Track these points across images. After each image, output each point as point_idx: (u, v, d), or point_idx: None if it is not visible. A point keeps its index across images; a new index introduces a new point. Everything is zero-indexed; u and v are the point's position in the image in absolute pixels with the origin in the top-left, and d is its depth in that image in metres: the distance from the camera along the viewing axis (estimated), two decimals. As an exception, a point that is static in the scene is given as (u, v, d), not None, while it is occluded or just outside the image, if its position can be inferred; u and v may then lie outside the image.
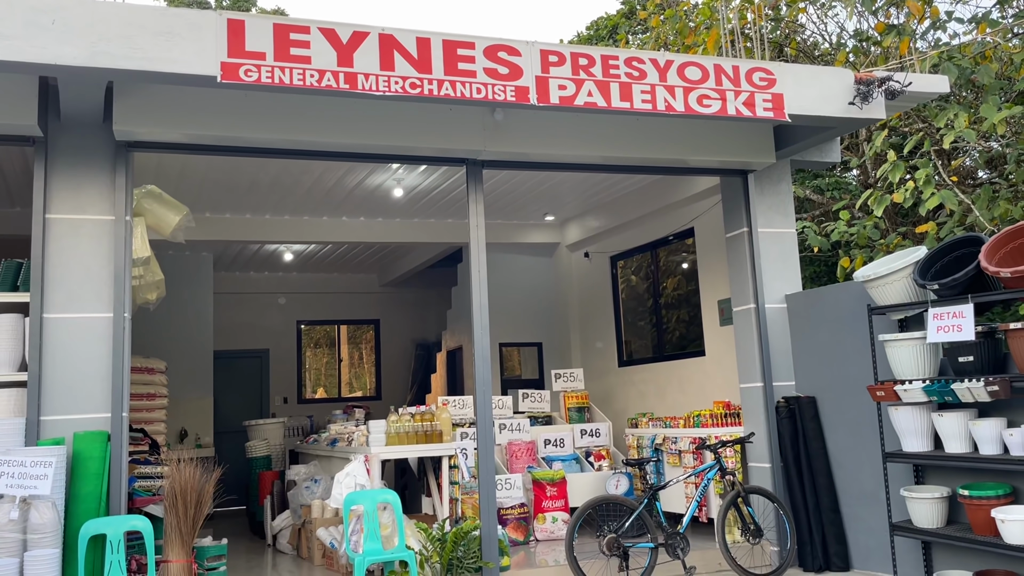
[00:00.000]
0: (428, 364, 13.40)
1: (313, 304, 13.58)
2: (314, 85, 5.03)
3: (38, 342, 5.34)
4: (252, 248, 11.18)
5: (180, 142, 5.78)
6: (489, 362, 6.28)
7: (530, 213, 10.10)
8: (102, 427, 5.38)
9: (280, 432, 9.78)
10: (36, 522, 4.72)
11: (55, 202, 5.55)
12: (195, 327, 10.75)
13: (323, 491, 7.34)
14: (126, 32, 4.69)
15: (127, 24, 4.70)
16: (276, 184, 8.24)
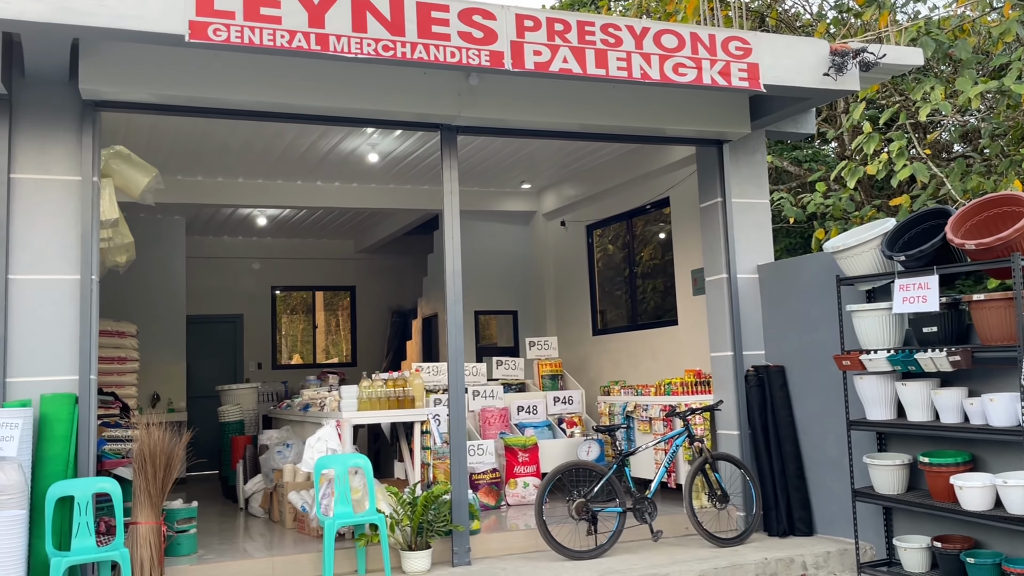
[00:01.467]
0: (404, 331, 13.39)
1: (288, 269, 13.50)
2: (284, 46, 4.95)
3: (3, 304, 5.27)
4: (225, 212, 11.06)
5: (148, 102, 5.67)
6: (462, 329, 6.29)
7: (506, 181, 10.07)
8: (70, 389, 5.34)
9: (253, 397, 9.76)
10: (2, 483, 4.69)
11: (20, 161, 5.45)
12: (168, 291, 10.66)
13: (295, 456, 7.35)
14: (91, -13, 4.58)
15: (91, -21, 4.59)
16: (248, 147, 8.14)
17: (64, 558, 4.72)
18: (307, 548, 6.02)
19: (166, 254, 10.66)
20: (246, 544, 6.40)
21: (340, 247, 13.77)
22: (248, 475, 8.13)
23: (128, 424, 6.69)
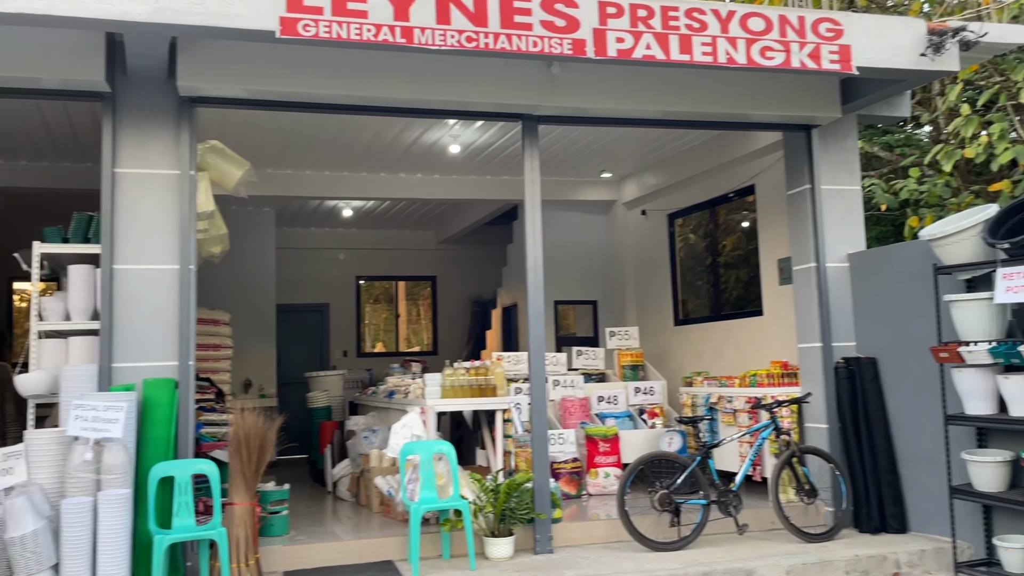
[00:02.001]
0: (484, 321, 13.51)
1: (372, 260, 13.77)
2: (371, 40, 5.04)
3: (109, 292, 5.55)
4: (312, 204, 11.36)
5: (241, 97, 5.87)
6: (543, 319, 6.31)
7: (586, 170, 10.02)
8: (170, 375, 5.59)
9: (340, 384, 10.01)
10: (109, 463, 4.95)
11: (123, 157, 5.72)
12: (259, 281, 11.02)
13: (381, 441, 7.52)
14: (189, -12, 4.76)
15: (189, -20, 4.77)
16: (335, 140, 8.34)
17: (166, 536, 4.96)
18: (393, 532, 6.16)
19: (257, 245, 11.02)
20: (334, 526, 6.59)
21: (421, 238, 13.97)
22: (336, 460, 8.36)
23: (223, 409, 6.96)
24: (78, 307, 5.75)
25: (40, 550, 4.58)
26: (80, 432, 4.90)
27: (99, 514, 4.78)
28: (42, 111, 7.10)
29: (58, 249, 5.81)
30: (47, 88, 5.57)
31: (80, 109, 7.07)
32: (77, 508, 4.74)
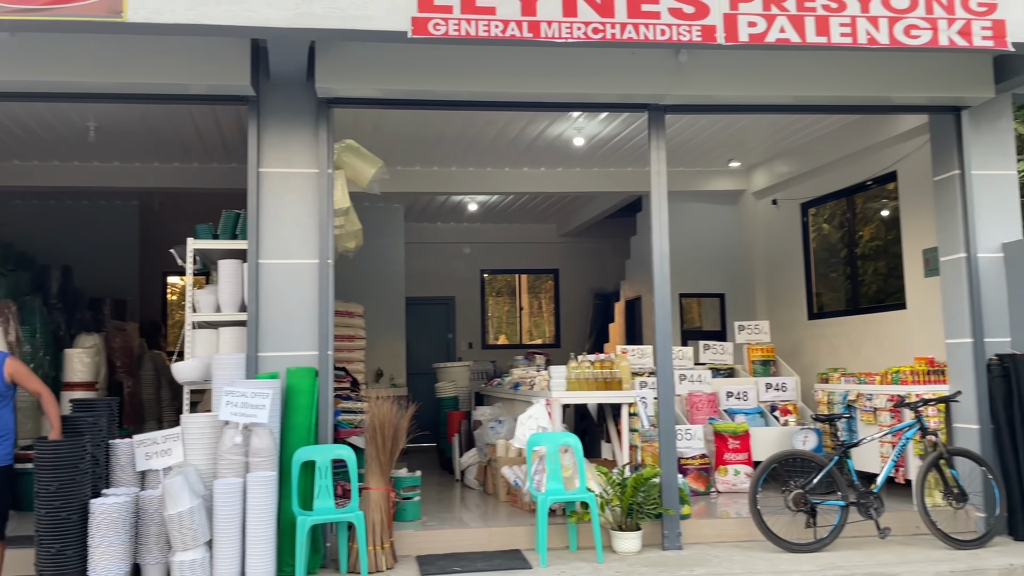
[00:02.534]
0: (606, 313, 13.44)
1: (495, 253, 13.95)
2: (499, 35, 5.11)
3: (255, 285, 5.87)
4: (439, 199, 11.63)
5: (374, 97, 6.08)
6: (669, 312, 6.21)
7: (714, 159, 9.78)
8: (311, 364, 5.86)
9: (466, 375, 10.21)
10: (256, 447, 5.25)
11: (266, 157, 6.03)
12: (389, 275, 11.37)
13: (507, 432, 7.62)
14: (326, -7, 4.96)
15: (327, -15, 4.97)
16: (462, 136, 8.49)
17: (308, 517, 5.21)
18: (520, 521, 6.23)
19: (387, 240, 11.38)
20: (463, 514, 6.74)
21: (544, 231, 14.03)
22: (463, 448, 8.54)
23: (358, 397, 7.23)
24: (227, 299, 6.12)
25: (195, 527, 4.90)
26: (230, 417, 5.22)
27: (248, 494, 5.08)
28: (193, 116, 7.59)
29: (209, 245, 6.20)
30: (196, 94, 5.95)
31: (226, 113, 7.51)
32: (228, 488, 5.05)
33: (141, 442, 5.32)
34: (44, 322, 8.25)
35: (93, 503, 4.82)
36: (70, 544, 4.77)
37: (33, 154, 8.71)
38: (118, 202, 11.29)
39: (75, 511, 4.81)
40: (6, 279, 8.62)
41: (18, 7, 4.68)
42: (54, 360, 8.19)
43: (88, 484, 4.94)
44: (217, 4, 4.87)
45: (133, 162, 9.14)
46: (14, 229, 10.77)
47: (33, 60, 5.49)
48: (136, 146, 8.51)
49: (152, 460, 5.28)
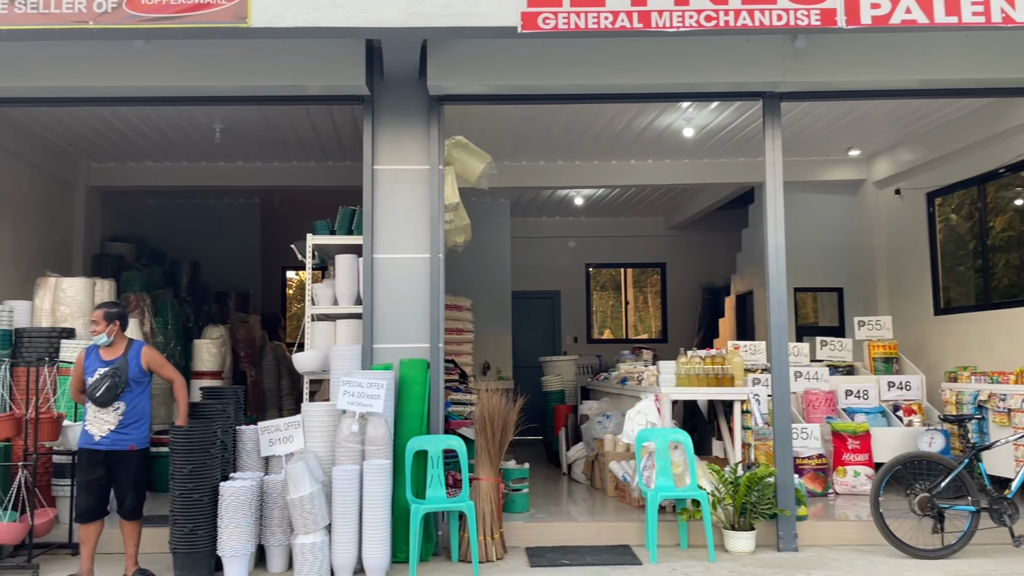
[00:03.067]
0: (716, 308, 13.15)
1: (601, 247, 13.87)
2: (608, 27, 5.07)
3: (370, 279, 6.05)
4: (545, 193, 11.65)
5: (483, 93, 6.15)
6: (785, 307, 6.03)
7: (832, 148, 9.40)
8: (422, 356, 6.00)
9: (572, 369, 10.21)
10: (372, 435, 5.41)
11: (380, 154, 6.20)
12: (495, 269, 11.49)
13: (615, 427, 7.58)
14: (437, -8, 5.05)
15: (438, -16, 5.06)
16: (568, 130, 8.48)
17: (421, 505, 5.33)
18: (628, 517, 6.19)
19: (493, 235, 11.49)
20: (570, 507, 6.75)
21: (651, 224, 13.85)
22: (570, 442, 8.55)
23: (467, 389, 7.34)
24: (344, 293, 6.33)
25: (316, 511, 5.10)
26: (347, 406, 5.40)
27: (364, 482, 5.24)
28: (311, 116, 7.88)
29: (327, 241, 6.43)
30: (314, 95, 6.17)
31: (342, 112, 7.76)
32: (346, 475, 5.23)
33: (265, 429, 5.57)
34: (175, 314, 8.76)
35: (222, 486, 5.09)
36: (201, 524, 5.06)
37: (165, 155, 9.25)
38: (241, 200, 11.86)
39: (206, 493, 5.10)
40: (141, 274, 9.20)
41: (153, 16, 4.98)
42: (184, 350, 8.69)
43: (218, 468, 5.22)
44: (334, 7, 5.03)
45: (255, 161, 9.57)
46: (148, 227, 11.49)
47: (165, 67, 5.82)
48: (258, 146, 8.91)
49: (275, 446, 5.52)
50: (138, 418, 5.16)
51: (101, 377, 5.04)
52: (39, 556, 5.62)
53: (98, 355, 5.15)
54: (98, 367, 5.10)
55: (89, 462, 5.09)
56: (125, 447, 5.08)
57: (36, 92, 5.97)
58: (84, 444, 5.11)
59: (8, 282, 7.90)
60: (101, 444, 5.06)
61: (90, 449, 5.08)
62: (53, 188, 8.92)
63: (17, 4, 4.98)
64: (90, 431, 5.08)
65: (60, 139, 8.57)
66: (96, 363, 5.12)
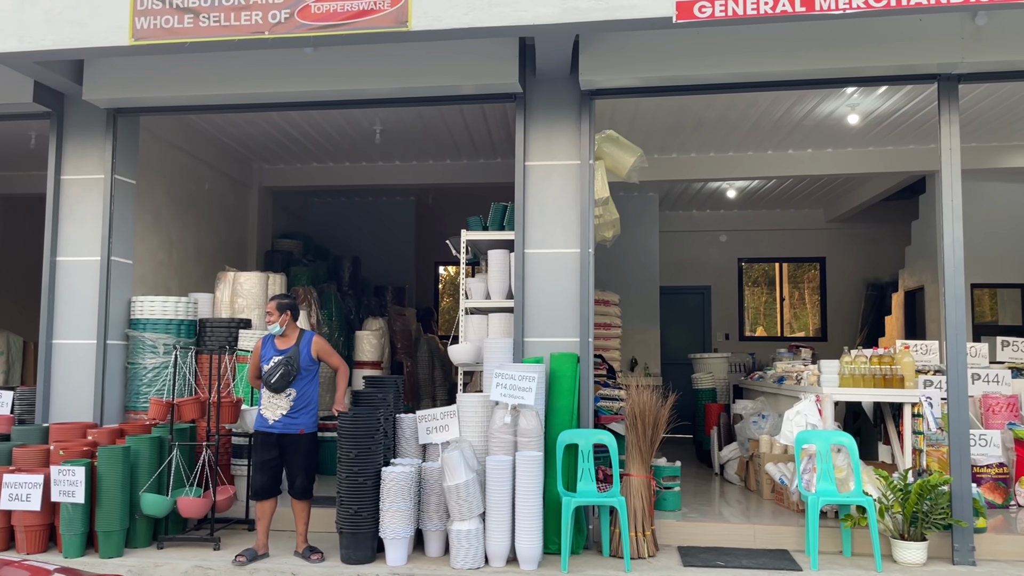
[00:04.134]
0: (881, 305, 12.41)
1: (755, 241, 13.40)
2: (768, 13, 4.90)
3: (521, 274, 6.14)
4: (696, 186, 11.39)
5: (635, 86, 6.09)
6: (962, 304, 5.61)
7: (1015, 132, 8.64)
8: (571, 350, 6.03)
9: (724, 367, 9.94)
10: (524, 427, 5.50)
11: (532, 151, 6.27)
12: (643, 264, 11.36)
13: (771, 427, 7.32)
14: (591, -14, 5.05)
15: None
16: (722, 120, 8.25)
17: (572, 498, 5.36)
18: (786, 521, 5.96)
19: (642, 229, 11.37)
20: (723, 508, 6.58)
21: (809, 217, 13.24)
22: (722, 442, 8.33)
23: (615, 384, 7.31)
24: (496, 287, 6.46)
25: (471, 499, 5.24)
26: (500, 398, 5.51)
27: (516, 472, 5.34)
28: (464, 115, 8.08)
29: (480, 236, 6.58)
30: (468, 94, 6.31)
31: (494, 111, 7.91)
32: (499, 465, 5.34)
33: (422, 417, 5.78)
34: (338, 307, 9.24)
35: (384, 471, 5.32)
36: (366, 506, 5.31)
37: (329, 157, 9.77)
38: (398, 198, 12.35)
39: (370, 477, 5.35)
40: (307, 268, 9.76)
41: (320, 24, 5.26)
42: (346, 341, 9.15)
43: (380, 453, 5.47)
44: (490, 7, 5.13)
45: (411, 161, 9.94)
46: (313, 224, 12.20)
47: (331, 72, 6.14)
48: (414, 146, 9.24)
49: (432, 434, 5.72)
50: (307, 404, 5.49)
51: (275, 365, 5.40)
52: (220, 530, 6.09)
53: (273, 344, 5.52)
54: (273, 355, 5.47)
55: (263, 444, 5.47)
56: (295, 431, 5.42)
57: (217, 100, 6.46)
58: (259, 427, 5.50)
59: (192, 276, 8.60)
60: (274, 427, 5.43)
61: (264, 432, 5.46)
62: (230, 189, 9.62)
63: (201, 19, 5.40)
64: (265, 415, 5.46)
65: (237, 143, 9.23)
66: (271, 351, 5.50)
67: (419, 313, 11.54)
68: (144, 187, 7.58)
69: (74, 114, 6.79)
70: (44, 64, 6.05)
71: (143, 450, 5.75)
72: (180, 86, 6.32)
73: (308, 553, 5.41)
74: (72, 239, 6.73)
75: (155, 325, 6.74)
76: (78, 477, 5.42)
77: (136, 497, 5.66)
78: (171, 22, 5.39)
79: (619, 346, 9.00)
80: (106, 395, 6.57)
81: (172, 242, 8.29)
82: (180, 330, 6.84)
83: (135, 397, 6.75)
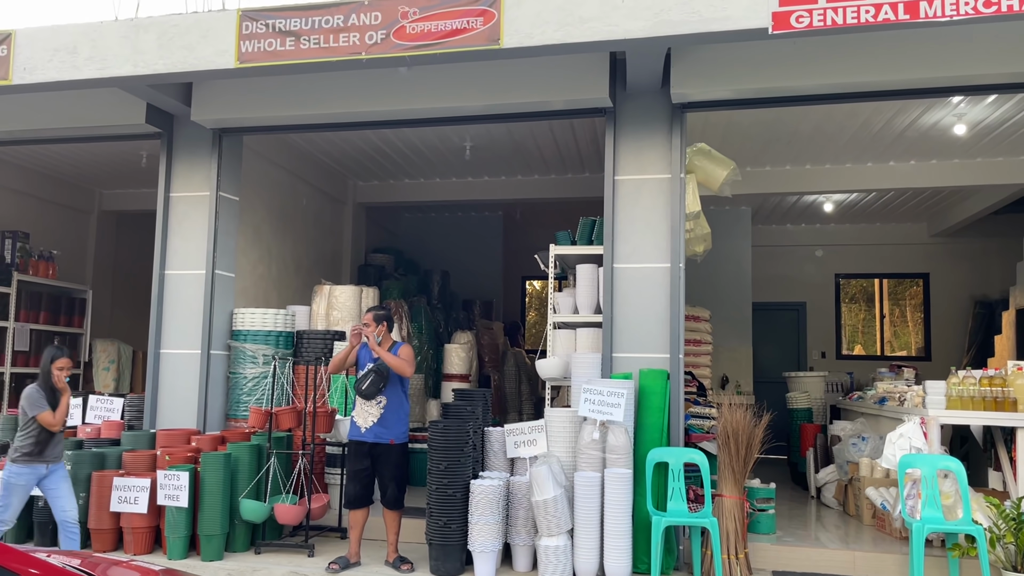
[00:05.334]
0: (990, 324, 11.77)
1: (853, 256, 12.94)
2: (870, 21, 4.75)
3: (610, 288, 6.10)
4: (790, 200, 11.10)
5: (728, 98, 5.99)
6: (1084, 322, 5.27)
7: None
8: (662, 366, 5.94)
9: (821, 386, 9.62)
10: (612, 444, 5.44)
11: (621, 165, 6.24)
12: (735, 279, 11.12)
13: (871, 450, 7.03)
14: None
15: (686, -10, 5.01)
16: (818, 132, 8.02)
17: (662, 517, 5.27)
18: (888, 548, 5.71)
19: (733, 244, 11.12)
20: (820, 533, 6.35)
21: (911, 231, 12.70)
22: (819, 464, 8.05)
23: (706, 402, 7.16)
24: (584, 302, 6.44)
25: (559, 514, 5.22)
26: (588, 413, 5.47)
27: (605, 489, 5.29)
28: (553, 130, 8.11)
29: (568, 251, 6.58)
30: (558, 109, 6.34)
31: (582, 125, 7.91)
32: (587, 481, 5.30)
33: (511, 431, 5.80)
34: (428, 320, 9.38)
35: (473, 483, 5.36)
36: (455, 518, 5.36)
37: (420, 173, 9.97)
38: (486, 213, 12.48)
39: (459, 489, 5.39)
40: (398, 282, 9.96)
41: (414, 44, 5.38)
42: (436, 353, 9.27)
43: (470, 466, 5.51)
44: (581, 23, 5.15)
45: (499, 176, 10.03)
46: (404, 239, 12.45)
47: (424, 90, 6.27)
48: (502, 161, 9.32)
49: (520, 448, 5.73)
50: (397, 413, 5.58)
51: (367, 372, 5.53)
52: (314, 537, 6.25)
53: (369, 352, 5.65)
54: (368, 362, 5.60)
55: (356, 453, 5.59)
56: (386, 441, 5.52)
57: (315, 119, 6.69)
58: (352, 436, 5.62)
59: (289, 288, 8.89)
60: (366, 437, 5.54)
61: (357, 441, 5.59)
62: (326, 205, 9.92)
63: (302, 42, 5.61)
64: (357, 422, 5.59)
65: (333, 160, 9.52)
66: (367, 357, 5.63)
67: (506, 327, 11.60)
68: (246, 203, 7.90)
69: (182, 134, 7.14)
70: (156, 87, 6.40)
71: (243, 457, 5.96)
72: (281, 106, 6.57)
73: (398, 563, 5.49)
74: (179, 253, 7.06)
75: (255, 336, 6.99)
76: (182, 482, 5.66)
77: (236, 502, 5.86)
78: (274, 45, 5.61)
79: (710, 363, 8.84)
80: (209, 403, 6.85)
81: (271, 256, 8.60)
82: (278, 341, 7.08)
83: (235, 405, 7.01)
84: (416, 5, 5.37)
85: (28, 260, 9.29)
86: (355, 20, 5.47)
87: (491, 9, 5.24)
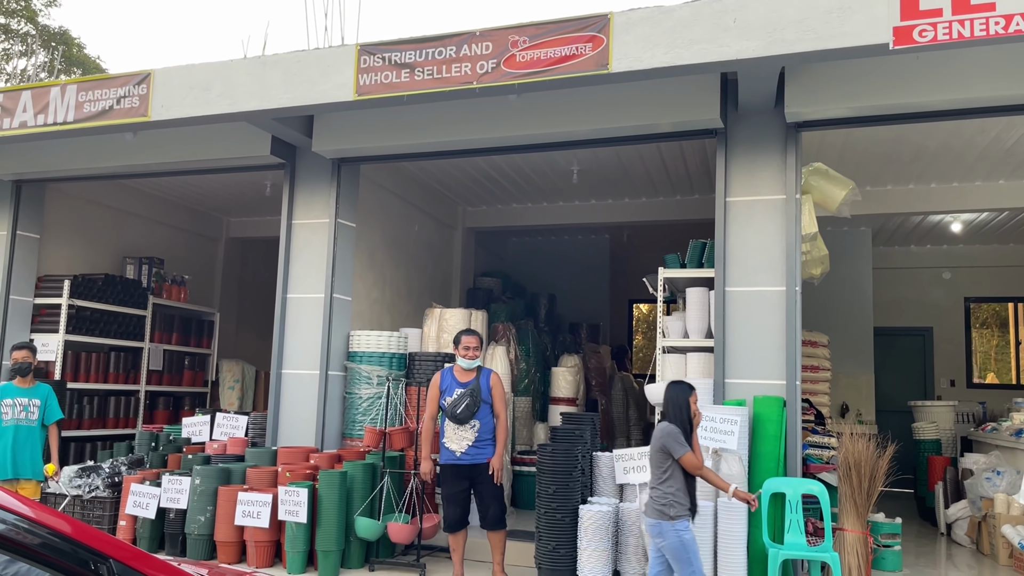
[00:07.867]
0: None
1: (983, 279, 12.20)
2: (999, 34, 4.51)
3: (722, 312, 5.97)
4: (914, 220, 10.59)
5: (844, 116, 5.80)
6: None
7: None
8: (777, 393, 5.75)
9: (950, 416, 9.08)
10: (726, 472, 5.30)
11: (733, 186, 6.12)
12: (854, 303, 10.66)
13: (1008, 485, 6.58)
14: (799, 16, 4.90)
15: (799, 8, 4.90)
16: (944, 149, 7.64)
17: (780, 550, 5.08)
18: (1029, 593, 5.31)
19: (853, 266, 10.69)
20: (951, 572, 5.98)
21: (1048, 252, 11.89)
22: (949, 499, 7.59)
23: (825, 431, 6.88)
24: (694, 326, 6.33)
25: (670, 543, 5.11)
26: (701, 440, 5.35)
27: (719, 519, 5.15)
28: (661, 152, 8.05)
29: (678, 274, 6.49)
30: (666, 132, 6.29)
31: (692, 147, 7.82)
32: (701, 511, 5.17)
33: (620, 457, 5.74)
34: (535, 343, 9.43)
35: (582, 508, 5.33)
36: (564, 543, 5.34)
37: (527, 197, 10.07)
38: (592, 236, 12.48)
39: (568, 514, 5.37)
40: (506, 305, 10.06)
41: (524, 72, 5.47)
42: (543, 376, 9.30)
43: (578, 491, 5.49)
44: (691, 44, 5.11)
45: (606, 199, 10.02)
46: (511, 263, 12.59)
47: (533, 117, 6.36)
48: (609, 185, 9.31)
49: (629, 475, 5.66)
50: (491, 435, 5.61)
51: (459, 396, 5.58)
52: (425, 556, 6.35)
53: (454, 377, 5.70)
54: (456, 388, 5.65)
55: (453, 476, 5.62)
56: (483, 460, 5.55)
57: (428, 147, 6.88)
58: (446, 460, 5.65)
59: (401, 312, 9.13)
60: (463, 459, 5.57)
61: (453, 464, 5.60)
62: (437, 230, 10.16)
63: (416, 73, 5.79)
64: (450, 447, 5.60)
65: (443, 187, 9.75)
66: (454, 384, 5.68)
67: (613, 351, 11.52)
68: (362, 229, 8.18)
69: (304, 164, 7.49)
70: (280, 120, 6.74)
71: (358, 475, 6.14)
72: (395, 136, 6.80)
73: (507, 585, 5.51)
74: (301, 278, 7.38)
75: (370, 358, 7.21)
76: (302, 498, 5.88)
77: (351, 520, 6.03)
78: (390, 77, 5.83)
79: (828, 390, 8.51)
80: (327, 422, 7.10)
81: (385, 280, 8.86)
82: (392, 363, 7.27)
83: (351, 424, 7.23)
84: (526, 34, 5.47)
85: (162, 284, 9.92)
86: (467, 50, 5.62)
87: (600, 35, 5.28)
